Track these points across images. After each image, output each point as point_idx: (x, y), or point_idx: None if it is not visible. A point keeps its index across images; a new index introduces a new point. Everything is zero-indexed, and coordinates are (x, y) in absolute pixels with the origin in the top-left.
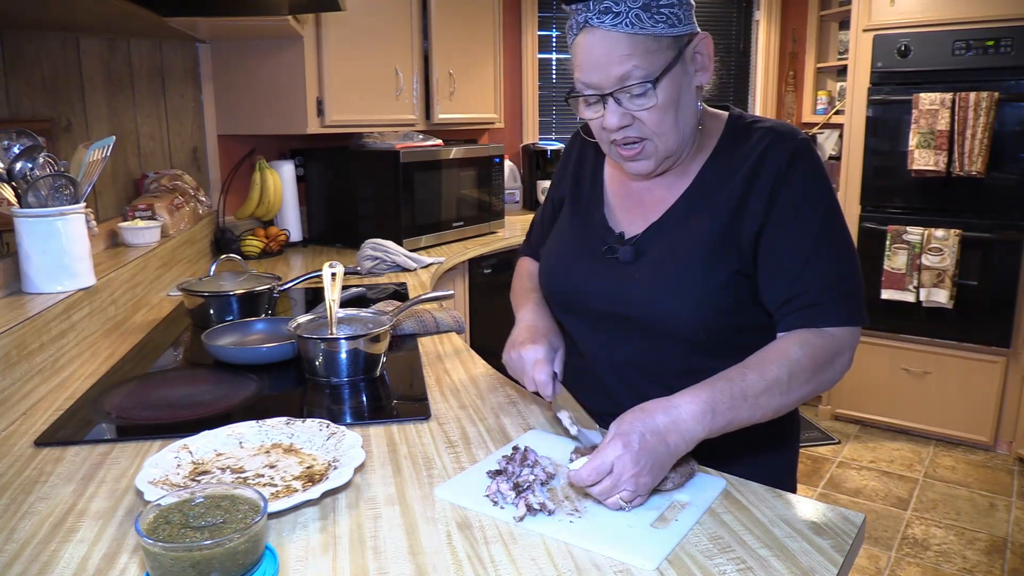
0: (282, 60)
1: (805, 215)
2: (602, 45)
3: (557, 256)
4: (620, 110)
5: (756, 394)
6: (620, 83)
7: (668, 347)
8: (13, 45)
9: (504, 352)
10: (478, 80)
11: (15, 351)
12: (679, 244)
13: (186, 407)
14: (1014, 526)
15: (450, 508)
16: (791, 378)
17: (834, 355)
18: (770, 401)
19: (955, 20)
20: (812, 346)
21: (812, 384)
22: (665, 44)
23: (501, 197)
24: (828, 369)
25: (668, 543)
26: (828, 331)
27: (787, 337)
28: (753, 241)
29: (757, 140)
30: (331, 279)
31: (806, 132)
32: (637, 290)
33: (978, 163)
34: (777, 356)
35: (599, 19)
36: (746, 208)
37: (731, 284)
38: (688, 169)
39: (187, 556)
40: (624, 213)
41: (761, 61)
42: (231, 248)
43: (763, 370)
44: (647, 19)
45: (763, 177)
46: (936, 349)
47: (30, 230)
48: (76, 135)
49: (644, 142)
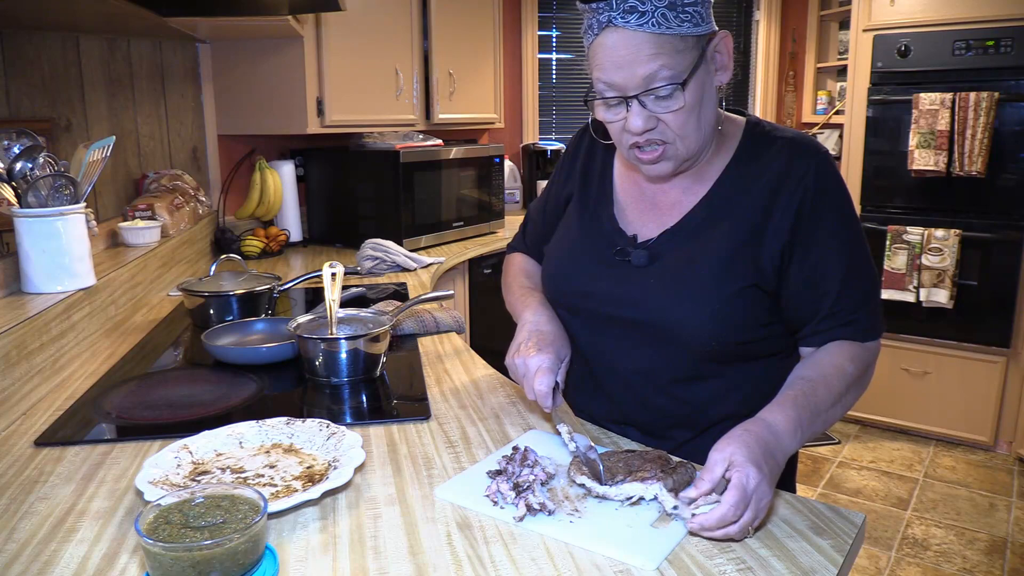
0: (282, 60)
1: (839, 234)
2: (627, 45)
3: (565, 256)
4: (645, 112)
5: (826, 409)
6: (646, 84)
7: (676, 354)
8: (13, 45)
9: (508, 355)
10: (478, 80)
11: (15, 351)
12: (697, 252)
13: (186, 407)
14: (1014, 526)
15: (450, 508)
16: (847, 392)
17: (869, 367)
18: (833, 415)
19: (955, 20)
20: (859, 360)
21: (854, 394)
22: (691, 44)
23: (501, 197)
24: (866, 380)
25: (668, 543)
26: (866, 345)
27: (837, 351)
28: (777, 257)
29: (778, 151)
30: (331, 279)
31: (806, 132)
32: (651, 296)
33: (978, 163)
34: (836, 371)
35: (624, 18)
36: (768, 222)
37: (747, 296)
38: (706, 174)
39: (187, 556)
40: (636, 215)
41: (761, 61)
42: (231, 248)
43: (829, 385)
44: (673, 18)
45: (787, 193)
46: (936, 349)
47: (30, 230)
48: (76, 135)
49: (666, 145)
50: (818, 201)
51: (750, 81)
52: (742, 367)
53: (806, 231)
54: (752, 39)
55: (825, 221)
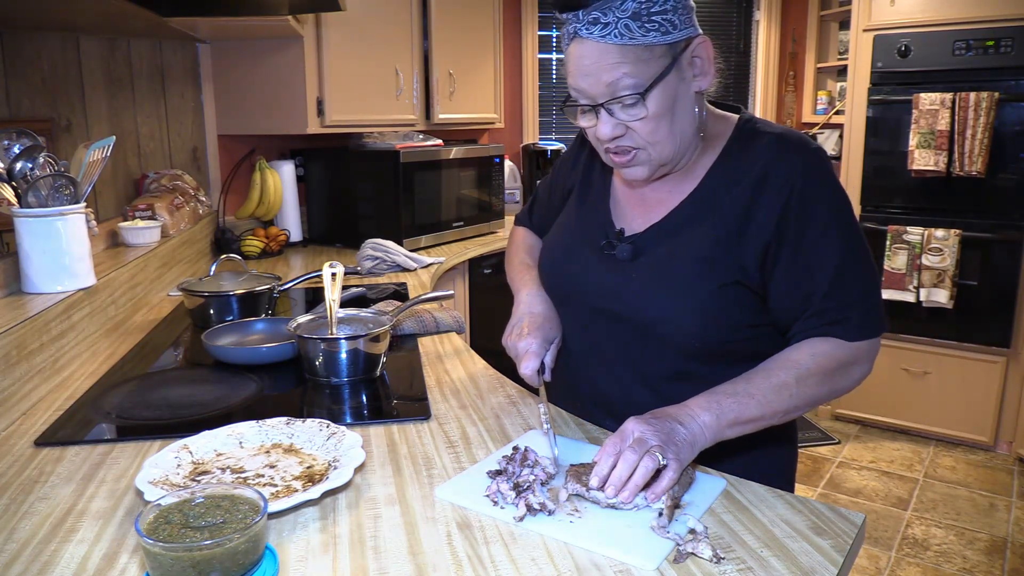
0: (282, 60)
1: (830, 231)
2: (591, 55)
3: (559, 246)
4: (613, 120)
5: (763, 392)
6: (611, 93)
7: (660, 350)
8: (13, 45)
9: (503, 336)
10: (478, 80)
11: (15, 351)
12: (679, 249)
13: (186, 407)
14: (1014, 526)
15: (450, 508)
16: (799, 381)
17: (850, 364)
18: (779, 400)
19: (955, 20)
20: (825, 355)
21: (825, 388)
22: (658, 53)
23: (501, 197)
24: (843, 376)
25: (668, 543)
26: (851, 344)
27: (799, 345)
28: (761, 254)
29: (765, 148)
30: (331, 279)
31: (806, 132)
32: (633, 290)
33: (978, 163)
34: (785, 362)
35: (588, 30)
36: (752, 219)
37: (730, 294)
38: (693, 171)
39: (187, 556)
40: (628, 209)
41: (761, 61)
42: (231, 248)
43: (768, 373)
44: (637, 29)
45: (772, 189)
46: (936, 349)
47: (30, 230)
48: (76, 135)
49: (636, 151)
50: (805, 199)
51: (750, 81)
52: (729, 369)
53: (793, 229)
54: (752, 39)
55: (814, 219)
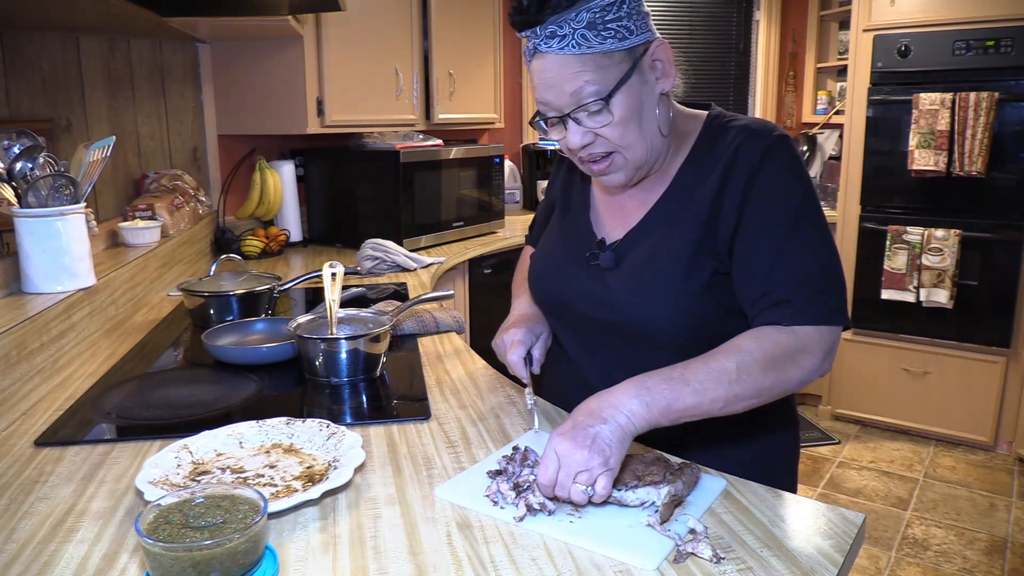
0: (282, 60)
1: (778, 210)
2: (553, 67)
3: (545, 261)
4: (581, 129)
5: (699, 379)
6: (575, 101)
7: (651, 352)
8: (13, 45)
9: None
10: (478, 80)
11: (15, 351)
12: (657, 249)
13: (186, 407)
14: (1014, 526)
15: (450, 508)
16: (740, 368)
17: (797, 353)
18: (717, 388)
19: (955, 20)
20: (768, 340)
21: (771, 377)
22: (617, 58)
23: (501, 197)
24: (790, 366)
25: (668, 543)
26: (792, 329)
27: (747, 332)
28: (729, 240)
29: (732, 139)
30: (331, 279)
31: (806, 132)
32: (619, 296)
33: (978, 163)
34: (726, 348)
35: (546, 44)
36: (721, 207)
37: (711, 287)
38: (666, 173)
39: (187, 556)
40: (608, 218)
41: (761, 61)
42: (231, 248)
43: (708, 359)
44: (594, 38)
45: (736, 175)
46: (936, 349)
47: (30, 230)
48: (76, 135)
49: (612, 155)
50: (762, 176)
51: (750, 81)
52: None
53: (749, 205)
54: (752, 39)
55: (767, 197)
